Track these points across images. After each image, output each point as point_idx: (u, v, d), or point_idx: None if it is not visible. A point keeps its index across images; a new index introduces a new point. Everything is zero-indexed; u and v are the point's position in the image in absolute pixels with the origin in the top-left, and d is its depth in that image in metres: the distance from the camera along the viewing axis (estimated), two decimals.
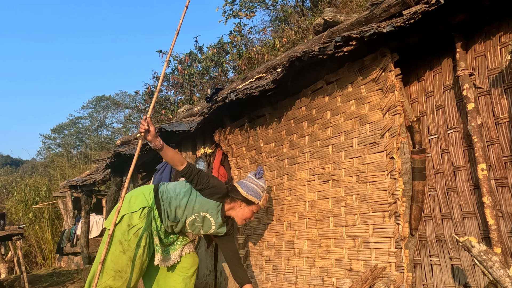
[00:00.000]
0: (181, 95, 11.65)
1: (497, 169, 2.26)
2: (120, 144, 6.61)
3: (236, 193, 2.71)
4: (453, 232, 2.44)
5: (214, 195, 2.67)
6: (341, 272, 2.76)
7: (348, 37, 2.49)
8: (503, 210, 2.21)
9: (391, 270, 2.40)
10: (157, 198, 2.68)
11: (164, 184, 2.79)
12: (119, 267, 2.49)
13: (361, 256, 2.64)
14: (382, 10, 2.72)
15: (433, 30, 2.47)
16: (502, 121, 2.25)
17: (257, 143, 3.79)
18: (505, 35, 2.29)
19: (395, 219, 2.46)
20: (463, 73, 2.38)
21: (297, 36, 8.52)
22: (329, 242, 2.91)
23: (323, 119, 3.14)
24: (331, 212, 2.94)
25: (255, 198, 2.71)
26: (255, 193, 2.72)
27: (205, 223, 2.74)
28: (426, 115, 2.68)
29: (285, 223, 3.37)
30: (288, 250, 3.30)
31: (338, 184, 2.93)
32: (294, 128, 3.41)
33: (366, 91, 2.78)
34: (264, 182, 2.82)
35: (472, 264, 2.31)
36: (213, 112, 3.78)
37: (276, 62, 3.95)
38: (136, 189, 2.79)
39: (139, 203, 2.63)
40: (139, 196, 2.68)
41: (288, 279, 3.21)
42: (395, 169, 2.50)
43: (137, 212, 2.59)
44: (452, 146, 2.50)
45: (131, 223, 2.56)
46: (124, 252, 2.51)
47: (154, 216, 2.68)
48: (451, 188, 2.49)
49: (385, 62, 2.61)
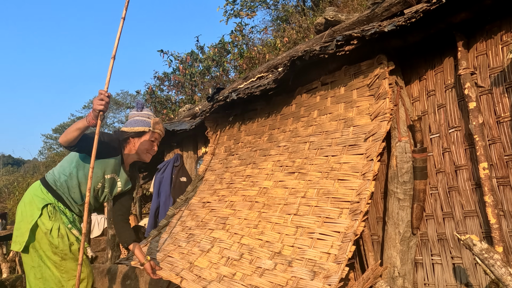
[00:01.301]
0: (182, 94, 11.65)
1: (499, 168, 2.25)
2: None
3: (125, 134, 2.59)
4: (455, 231, 2.44)
5: (110, 151, 2.51)
6: (266, 253, 2.63)
7: (350, 36, 2.49)
8: (504, 209, 2.21)
9: (327, 260, 2.29)
10: (52, 190, 2.46)
11: (50, 173, 2.53)
12: (68, 276, 2.36)
13: (298, 243, 2.53)
14: (383, 9, 2.73)
15: (435, 29, 2.47)
16: (504, 120, 2.25)
17: (239, 134, 3.81)
18: (506, 34, 2.29)
19: (353, 216, 2.37)
20: (465, 72, 2.37)
21: (298, 36, 8.51)
22: (267, 225, 2.82)
23: (309, 118, 3.14)
24: (284, 200, 2.88)
25: (143, 127, 2.60)
26: (141, 122, 2.60)
27: (112, 185, 2.63)
28: (427, 114, 2.68)
29: (227, 202, 3.34)
30: (216, 224, 3.22)
31: (303, 177, 2.88)
32: (279, 123, 3.42)
33: (358, 95, 2.81)
34: (148, 111, 2.69)
35: (474, 263, 2.31)
36: (215, 111, 3.79)
37: (277, 61, 3.96)
38: (24, 196, 2.52)
39: (38, 204, 2.40)
40: (33, 199, 2.43)
41: (201, 246, 3.10)
42: (370, 171, 2.45)
43: (43, 214, 2.38)
44: (454, 145, 2.50)
45: (47, 227, 2.36)
46: (65, 259, 2.36)
47: (61, 210, 2.46)
48: (453, 187, 2.49)
49: (380, 69, 2.63)
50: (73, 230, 2.46)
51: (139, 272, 4.95)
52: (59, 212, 2.45)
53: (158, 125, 2.67)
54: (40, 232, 2.35)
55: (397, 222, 2.59)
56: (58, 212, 2.44)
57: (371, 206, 2.95)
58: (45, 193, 2.44)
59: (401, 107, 2.66)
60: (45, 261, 2.36)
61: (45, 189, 2.46)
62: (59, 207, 2.46)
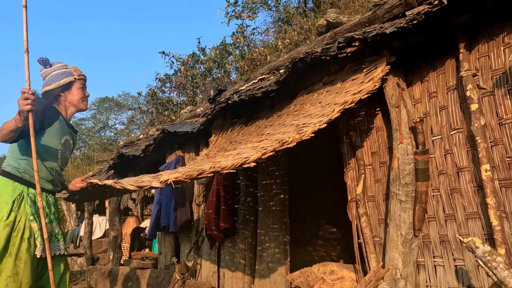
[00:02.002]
0: (183, 96, 11.68)
1: (501, 170, 2.25)
2: (123, 145, 6.63)
3: (53, 92, 2.49)
4: (457, 233, 2.43)
5: (52, 115, 2.43)
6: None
7: (351, 38, 2.49)
8: (507, 211, 2.20)
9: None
10: (18, 179, 2.38)
11: (7, 166, 2.43)
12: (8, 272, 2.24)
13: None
14: (385, 11, 2.73)
15: (436, 30, 2.47)
16: (506, 121, 2.25)
17: (235, 135, 3.80)
18: (508, 36, 2.29)
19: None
20: (467, 74, 2.37)
21: (300, 37, 8.52)
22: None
23: (300, 111, 3.08)
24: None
25: (67, 77, 2.50)
26: (62, 74, 2.49)
27: (68, 146, 2.61)
28: (429, 115, 2.67)
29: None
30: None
31: (271, 137, 2.77)
32: (273, 121, 3.35)
33: (351, 84, 2.73)
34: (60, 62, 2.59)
35: (476, 265, 2.30)
36: (216, 113, 3.79)
37: (279, 63, 3.96)
38: None
39: (6, 199, 2.32)
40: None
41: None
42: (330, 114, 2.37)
43: (7, 208, 2.28)
44: (456, 147, 2.50)
45: (10, 219, 2.28)
46: (11, 255, 2.26)
47: (29, 197, 2.37)
48: (455, 189, 2.48)
49: (381, 61, 2.60)
50: (32, 223, 2.34)
51: (141, 273, 4.95)
52: (25, 201, 2.35)
53: (77, 70, 2.60)
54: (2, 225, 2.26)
55: (399, 224, 2.58)
56: (24, 202, 2.35)
57: (373, 208, 2.95)
58: (12, 183, 2.36)
59: (402, 109, 2.66)
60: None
61: (10, 180, 2.37)
62: (29, 194, 2.38)
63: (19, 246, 2.28)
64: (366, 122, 3.08)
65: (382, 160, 2.93)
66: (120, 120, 29.89)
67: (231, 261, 3.93)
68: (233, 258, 3.92)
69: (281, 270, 3.52)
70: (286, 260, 3.56)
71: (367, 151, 3.05)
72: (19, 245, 2.28)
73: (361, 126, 3.11)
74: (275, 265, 3.57)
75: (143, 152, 5.18)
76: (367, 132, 3.07)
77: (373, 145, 3.02)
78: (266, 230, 3.74)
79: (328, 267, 3.02)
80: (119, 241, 6.18)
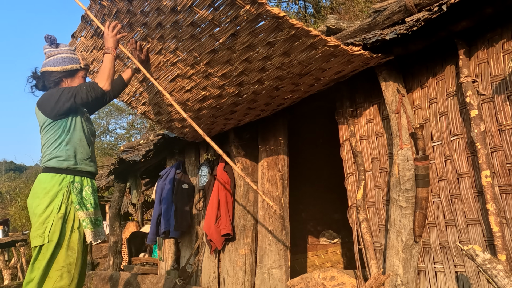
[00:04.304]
0: None
1: (501, 176, 2.25)
2: (123, 150, 6.64)
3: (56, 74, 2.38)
4: (457, 239, 2.43)
5: (80, 96, 2.33)
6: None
7: (351, 44, 2.50)
8: (507, 217, 2.20)
9: None
10: (63, 170, 2.35)
11: (49, 160, 2.36)
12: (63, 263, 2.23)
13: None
14: (385, 17, 2.74)
15: (436, 37, 2.48)
16: (506, 127, 2.25)
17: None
18: (508, 42, 2.30)
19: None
20: (466, 80, 2.38)
21: None
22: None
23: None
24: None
25: (74, 64, 2.39)
26: (70, 60, 2.39)
27: (89, 120, 2.56)
28: (429, 122, 2.68)
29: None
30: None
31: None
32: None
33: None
34: (66, 45, 2.48)
35: (477, 271, 2.30)
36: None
37: None
38: (37, 190, 2.33)
39: (56, 192, 2.29)
40: (46, 190, 2.29)
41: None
42: None
43: (58, 201, 2.27)
44: (456, 153, 2.50)
45: (62, 212, 2.27)
46: (63, 245, 2.25)
47: (75, 186, 2.36)
48: (455, 195, 2.48)
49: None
50: (78, 212, 2.33)
51: (141, 279, 4.94)
52: (72, 190, 2.33)
53: (84, 59, 2.53)
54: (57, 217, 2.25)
55: (400, 230, 2.58)
56: (71, 192, 2.33)
57: (373, 214, 2.95)
58: (59, 176, 2.32)
59: (403, 115, 2.67)
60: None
61: (55, 174, 2.33)
62: (74, 183, 2.36)
63: (70, 236, 2.28)
64: (366, 127, 3.09)
65: (382, 166, 2.93)
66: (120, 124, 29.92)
67: (232, 266, 3.92)
68: (234, 263, 3.91)
69: (281, 275, 3.51)
70: (287, 265, 3.55)
71: (367, 157, 3.06)
72: (70, 235, 2.28)
73: (362, 131, 3.12)
74: (275, 270, 3.55)
75: (144, 157, 5.19)
76: (367, 137, 3.07)
77: (373, 151, 3.02)
78: (266, 235, 3.74)
79: (328, 273, 3.01)
80: (119, 246, 6.16)
